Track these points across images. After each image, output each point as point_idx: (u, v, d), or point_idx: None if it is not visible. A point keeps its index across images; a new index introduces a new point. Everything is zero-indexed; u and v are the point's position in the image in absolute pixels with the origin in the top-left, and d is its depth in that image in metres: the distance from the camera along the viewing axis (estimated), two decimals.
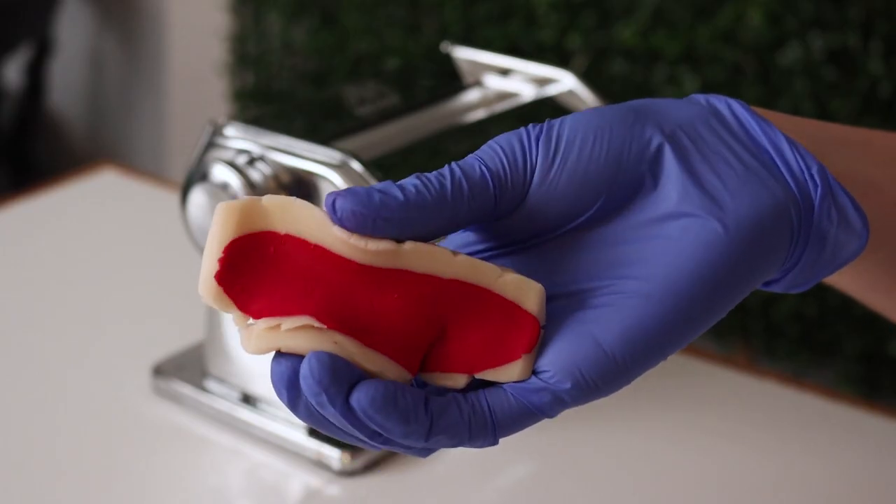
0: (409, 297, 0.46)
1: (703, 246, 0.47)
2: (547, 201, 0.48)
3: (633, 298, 0.47)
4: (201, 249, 0.73)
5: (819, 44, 1.54)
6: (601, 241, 0.49)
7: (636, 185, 0.49)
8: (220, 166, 0.71)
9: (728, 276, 0.47)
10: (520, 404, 0.46)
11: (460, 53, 0.87)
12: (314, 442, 0.75)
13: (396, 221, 0.45)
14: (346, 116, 0.79)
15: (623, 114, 0.50)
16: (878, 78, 1.49)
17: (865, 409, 0.81)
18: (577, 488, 0.74)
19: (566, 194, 0.48)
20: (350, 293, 0.45)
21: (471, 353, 0.47)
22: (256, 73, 2.03)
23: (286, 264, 0.45)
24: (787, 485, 0.74)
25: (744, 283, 0.48)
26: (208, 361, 0.80)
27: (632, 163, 0.49)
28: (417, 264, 0.46)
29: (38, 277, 0.95)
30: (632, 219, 0.49)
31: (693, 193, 0.48)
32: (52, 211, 1.05)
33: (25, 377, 0.83)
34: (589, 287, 0.48)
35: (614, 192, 0.49)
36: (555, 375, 0.46)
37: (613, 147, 0.49)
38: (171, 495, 0.74)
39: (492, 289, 0.47)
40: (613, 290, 0.47)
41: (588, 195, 0.48)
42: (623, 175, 0.48)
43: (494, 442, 0.46)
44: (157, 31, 2.27)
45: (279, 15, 1.99)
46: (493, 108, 0.83)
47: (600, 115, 0.50)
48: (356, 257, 0.45)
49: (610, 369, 0.47)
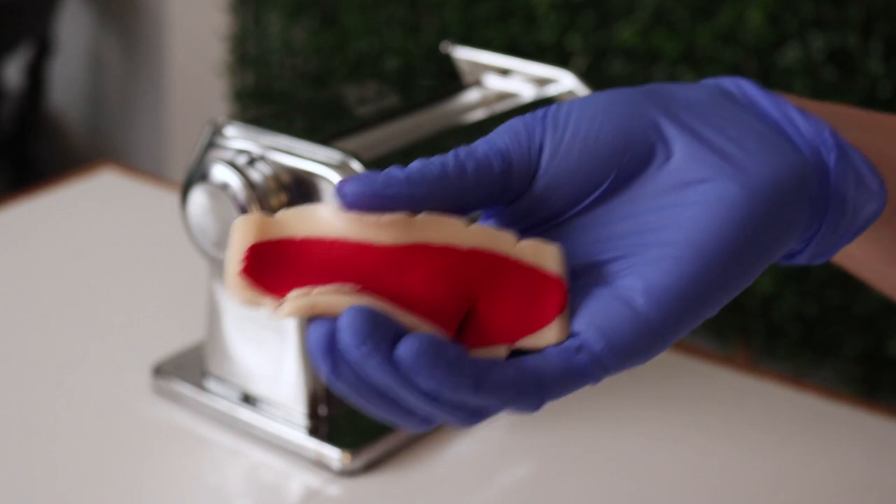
0: (433, 271, 0.46)
1: (725, 207, 0.47)
2: (559, 179, 0.49)
3: (659, 262, 0.47)
4: (201, 249, 0.74)
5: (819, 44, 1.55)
6: (619, 215, 0.49)
7: (647, 157, 0.49)
8: (220, 166, 0.71)
9: (753, 235, 0.48)
10: (561, 365, 0.46)
11: (460, 53, 0.87)
12: (314, 442, 0.75)
13: (402, 198, 0.46)
14: (346, 116, 0.79)
15: (629, 93, 0.50)
16: (877, 78, 1.49)
17: (865, 409, 0.81)
18: (577, 488, 0.74)
19: (577, 171, 0.49)
20: (375, 277, 0.46)
21: (504, 324, 0.47)
22: (256, 73, 2.03)
23: (309, 262, 0.46)
24: (788, 485, 0.74)
25: (769, 246, 0.49)
26: (208, 361, 0.80)
27: (640, 135, 0.49)
28: (434, 235, 0.46)
29: (37, 277, 0.95)
30: (648, 189, 0.49)
31: (709, 159, 0.48)
32: (52, 211, 1.05)
33: (25, 377, 0.83)
34: (612, 257, 0.48)
35: (625, 166, 0.49)
36: (591, 337, 0.46)
37: (622, 123, 0.49)
38: (171, 495, 0.74)
39: (510, 256, 0.48)
40: (638, 258, 0.48)
41: (599, 171, 0.49)
42: (632, 147, 0.49)
43: (538, 405, 0.46)
44: (157, 31, 2.27)
45: (279, 15, 1.99)
46: (493, 108, 0.83)
47: (607, 95, 0.50)
48: (373, 239, 0.46)
49: (644, 331, 0.47)
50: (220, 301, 0.77)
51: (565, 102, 0.50)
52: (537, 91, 0.83)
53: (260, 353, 0.76)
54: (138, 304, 0.92)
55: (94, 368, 0.84)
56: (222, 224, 0.71)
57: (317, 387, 0.76)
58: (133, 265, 0.97)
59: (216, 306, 0.78)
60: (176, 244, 0.89)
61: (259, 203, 0.70)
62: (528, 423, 0.80)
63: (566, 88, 0.82)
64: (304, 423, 0.76)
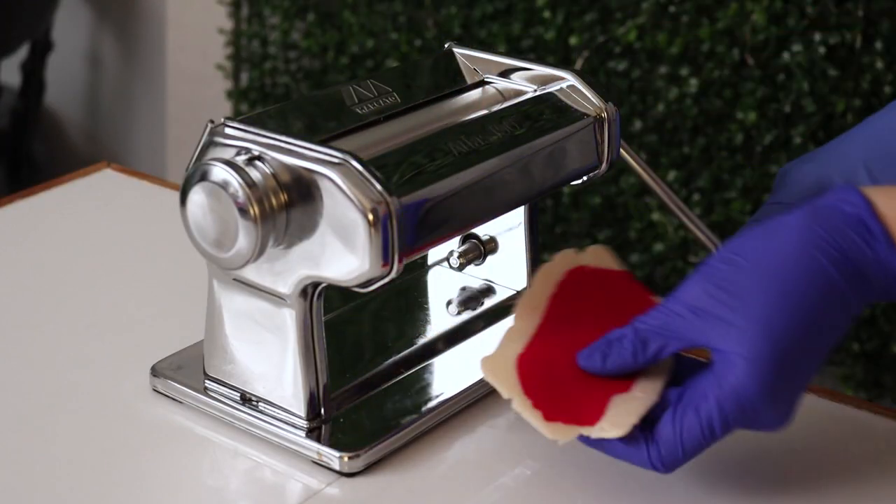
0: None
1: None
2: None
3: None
4: (201, 249, 0.73)
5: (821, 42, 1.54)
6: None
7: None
8: (220, 166, 0.71)
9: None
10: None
11: (461, 53, 0.86)
12: (314, 442, 0.75)
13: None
14: (346, 116, 0.79)
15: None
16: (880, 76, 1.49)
17: (869, 410, 0.80)
18: (577, 489, 0.74)
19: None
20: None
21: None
22: (256, 73, 2.03)
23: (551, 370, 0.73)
24: (790, 485, 0.74)
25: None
26: (208, 362, 0.79)
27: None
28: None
29: (37, 277, 0.95)
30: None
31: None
32: (52, 211, 1.05)
33: (24, 377, 0.83)
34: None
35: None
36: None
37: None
38: (171, 495, 0.73)
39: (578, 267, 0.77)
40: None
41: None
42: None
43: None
44: (156, 31, 2.27)
45: (279, 15, 1.99)
46: (494, 108, 0.82)
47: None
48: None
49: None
50: (220, 301, 0.77)
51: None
52: (538, 90, 0.83)
53: (260, 354, 0.76)
54: (138, 304, 0.92)
55: (93, 369, 0.84)
56: (222, 224, 0.71)
57: (317, 387, 0.75)
58: (133, 265, 0.97)
59: (216, 306, 0.77)
60: (176, 244, 0.89)
61: (259, 202, 0.70)
62: (528, 423, 0.80)
63: (567, 86, 0.82)
64: (304, 423, 0.76)
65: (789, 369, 0.66)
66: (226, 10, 2.04)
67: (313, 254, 0.71)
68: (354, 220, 0.69)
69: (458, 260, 0.87)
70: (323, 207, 0.70)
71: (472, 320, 0.87)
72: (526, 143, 0.77)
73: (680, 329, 0.68)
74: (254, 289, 0.75)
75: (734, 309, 0.66)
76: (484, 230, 0.87)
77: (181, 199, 0.73)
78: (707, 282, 0.67)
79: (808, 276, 0.66)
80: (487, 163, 0.75)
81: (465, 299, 0.89)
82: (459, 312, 0.87)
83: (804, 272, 0.66)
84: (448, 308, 0.88)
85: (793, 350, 0.66)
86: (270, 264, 0.73)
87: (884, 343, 1.56)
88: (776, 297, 0.66)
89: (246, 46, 2.04)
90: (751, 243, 0.68)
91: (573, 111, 0.81)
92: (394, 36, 1.87)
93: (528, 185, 0.79)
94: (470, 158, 0.75)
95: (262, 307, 0.75)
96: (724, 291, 0.67)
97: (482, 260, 0.88)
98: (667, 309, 0.68)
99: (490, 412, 0.80)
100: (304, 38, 1.97)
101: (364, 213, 0.69)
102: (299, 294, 0.73)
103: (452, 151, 0.75)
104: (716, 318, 0.67)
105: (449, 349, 0.84)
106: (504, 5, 1.76)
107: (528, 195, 0.81)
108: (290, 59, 2.01)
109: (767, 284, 0.66)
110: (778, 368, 0.66)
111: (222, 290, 0.77)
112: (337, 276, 0.71)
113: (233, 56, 2.05)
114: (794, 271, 0.66)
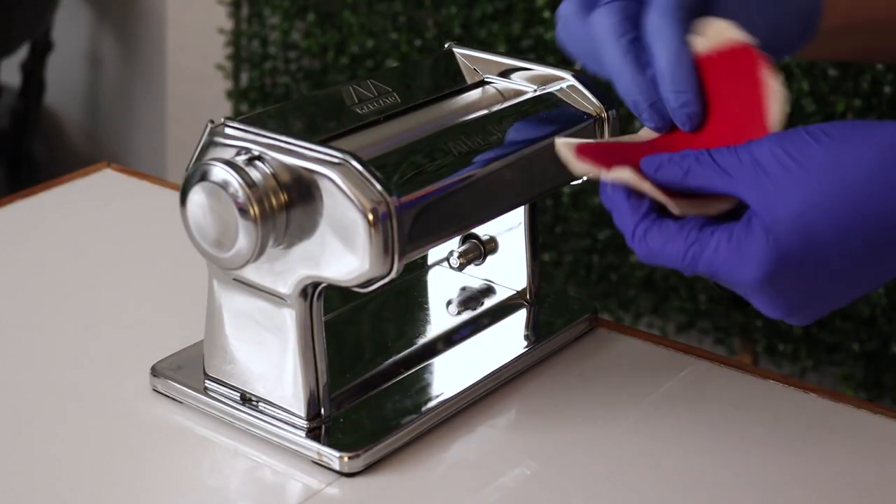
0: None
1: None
2: None
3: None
4: (201, 249, 0.73)
5: None
6: None
7: None
8: (220, 166, 0.71)
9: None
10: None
11: (461, 53, 0.86)
12: (314, 442, 0.75)
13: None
14: (346, 116, 0.79)
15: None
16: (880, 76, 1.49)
17: (868, 409, 0.81)
18: (577, 488, 0.74)
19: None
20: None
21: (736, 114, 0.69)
22: (256, 73, 2.03)
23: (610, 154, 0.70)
24: (790, 486, 0.74)
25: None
26: (208, 361, 0.79)
27: None
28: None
29: (37, 277, 0.95)
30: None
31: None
32: (52, 211, 1.05)
33: (24, 377, 0.83)
34: None
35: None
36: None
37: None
38: (171, 495, 0.73)
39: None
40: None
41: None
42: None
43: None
44: (156, 31, 2.27)
45: (279, 15, 1.99)
46: (494, 108, 0.82)
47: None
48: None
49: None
50: (220, 301, 0.77)
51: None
52: (538, 90, 0.83)
53: (260, 354, 0.76)
54: (138, 303, 0.92)
55: (93, 368, 0.84)
56: (222, 224, 0.71)
57: (317, 387, 0.75)
58: (132, 265, 0.97)
59: (216, 306, 0.77)
60: (176, 244, 0.89)
61: (259, 202, 0.70)
62: (528, 423, 0.80)
63: (567, 86, 0.82)
64: (304, 423, 0.76)
65: (809, 268, 0.62)
66: (226, 10, 2.04)
67: (313, 254, 0.71)
68: (354, 220, 0.69)
69: (458, 260, 0.87)
70: (323, 207, 0.70)
71: (472, 320, 0.87)
72: (526, 143, 0.77)
73: (735, 175, 0.64)
74: (254, 289, 0.75)
75: (790, 176, 0.62)
76: (484, 230, 0.87)
77: (181, 199, 0.73)
78: (779, 145, 0.63)
79: (889, 187, 0.61)
80: (487, 163, 0.75)
81: (465, 299, 0.89)
82: (459, 312, 0.87)
83: (886, 180, 0.61)
84: (448, 308, 0.88)
85: (824, 249, 0.62)
86: (270, 264, 0.73)
87: (884, 343, 1.56)
88: (838, 187, 0.61)
89: (246, 46, 2.04)
90: (847, 129, 0.63)
91: (573, 111, 0.81)
92: (394, 36, 1.87)
93: (528, 185, 0.79)
94: (470, 158, 0.75)
95: (262, 307, 0.75)
96: (791, 158, 0.62)
97: (482, 260, 0.88)
98: (735, 154, 0.64)
99: (490, 412, 0.80)
100: (304, 38, 1.97)
101: (364, 213, 0.69)
102: (299, 294, 0.73)
103: (452, 151, 0.75)
104: (767, 179, 0.62)
105: (449, 349, 0.84)
106: (504, 5, 1.76)
107: (528, 195, 0.81)
108: (290, 59, 2.01)
109: (838, 171, 0.61)
110: (795, 261, 0.62)
111: (222, 290, 0.77)
112: (337, 276, 0.71)
113: (233, 56, 2.05)
114: (877, 173, 0.61)
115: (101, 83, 2.42)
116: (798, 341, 1.61)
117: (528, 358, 0.84)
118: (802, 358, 1.60)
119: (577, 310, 0.88)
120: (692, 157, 0.66)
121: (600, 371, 0.84)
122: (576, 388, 0.82)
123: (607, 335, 0.88)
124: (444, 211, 0.73)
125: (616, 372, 0.84)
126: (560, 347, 0.86)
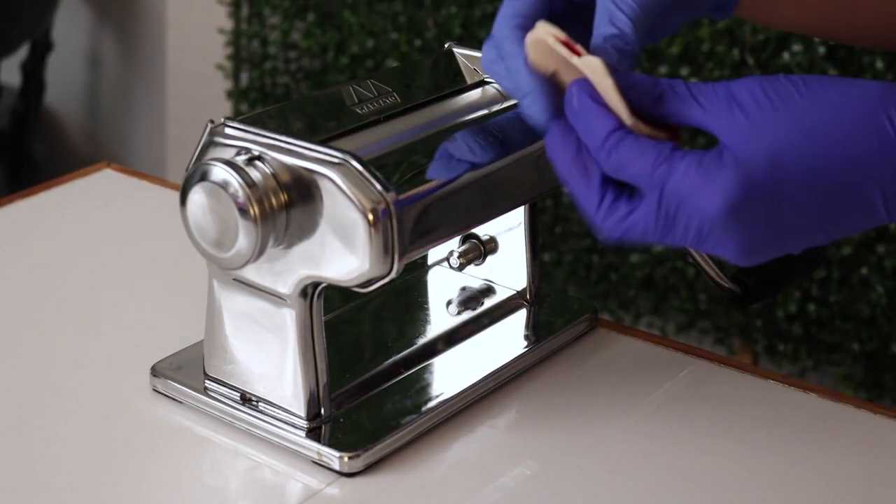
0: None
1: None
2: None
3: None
4: (200, 248, 0.73)
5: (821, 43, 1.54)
6: None
7: None
8: (220, 166, 0.71)
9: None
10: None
11: (461, 53, 0.86)
12: (314, 442, 0.75)
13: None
14: (346, 116, 0.79)
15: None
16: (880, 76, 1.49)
17: (868, 409, 0.81)
18: (577, 488, 0.74)
19: None
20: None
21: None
22: (256, 73, 2.03)
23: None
24: (790, 486, 0.74)
25: None
26: (208, 361, 0.79)
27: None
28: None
29: (36, 277, 0.95)
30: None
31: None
32: (52, 211, 1.05)
33: (24, 378, 0.83)
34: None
35: None
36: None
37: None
38: (171, 495, 0.73)
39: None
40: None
41: None
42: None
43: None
44: (156, 31, 2.27)
45: (279, 15, 1.99)
46: (494, 108, 0.82)
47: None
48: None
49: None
50: (220, 301, 0.77)
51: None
52: None
53: (260, 354, 0.76)
54: (138, 303, 0.92)
55: (93, 368, 0.84)
56: (222, 224, 0.71)
57: (317, 387, 0.75)
58: (132, 265, 0.97)
59: (216, 306, 0.77)
60: (176, 244, 0.89)
61: (259, 202, 0.70)
62: (528, 423, 0.80)
63: None
64: (304, 423, 0.76)
65: (773, 202, 0.63)
66: (226, 10, 2.04)
67: (313, 254, 0.71)
68: (354, 220, 0.69)
69: (458, 260, 0.87)
70: (323, 207, 0.70)
71: (472, 320, 0.87)
72: (526, 143, 0.77)
73: (708, 109, 0.64)
74: (254, 289, 0.75)
75: (764, 115, 0.63)
76: (484, 230, 0.87)
77: (181, 199, 0.73)
78: (758, 85, 0.64)
79: (860, 133, 0.62)
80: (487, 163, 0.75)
81: (465, 299, 0.89)
82: (459, 312, 0.87)
83: (857, 124, 0.62)
84: (448, 308, 0.88)
85: (791, 183, 0.62)
86: (270, 264, 0.73)
87: (884, 343, 1.56)
88: (809, 128, 0.62)
89: (246, 46, 2.04)
90: (826, 81, 0.64)
91: None
92: (394, 36, 1.87)
93: (528, 185, 0.79)
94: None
95: (262, 307, 0.75)
96: (768, 98, 0.63)
97: (482, 260, 0.88)
98: (711, 88, 0.65)
99: (490, 412, 0.80)
100: (304, 38, 1.97)
101: (364, 213, 0.69)
102: (299, 294, 0.73)
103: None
104: (742, 115, 0.63)
105: (449, 349, 0.84)
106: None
107: (528, 195, 0.81)
108: (290, 59, 2.01)
109: (812, 115, 0.62)
110: (762, 191, 0.63)
111: (222, 290, 0.77)
112: (337, 276, 0.71)
113: (233, 56, 2.05)
114: (850, 119, 0.62)
115: (101, 83, 2.42)
116: (798, 341, 1.61)
117: (528, 358, 0.84)
118: (802, 358, 1.60)
119: (577, 310, 0.88)
120: (667, 84, 0.66)
121: (600, 371, 0.84)
122: (576, 388, 0.82)
123: (607, 335, 0.88)
124: (444, 211, 0.73)
125: (616, 372, 0.84)
126: (560, 347, 0.86)
